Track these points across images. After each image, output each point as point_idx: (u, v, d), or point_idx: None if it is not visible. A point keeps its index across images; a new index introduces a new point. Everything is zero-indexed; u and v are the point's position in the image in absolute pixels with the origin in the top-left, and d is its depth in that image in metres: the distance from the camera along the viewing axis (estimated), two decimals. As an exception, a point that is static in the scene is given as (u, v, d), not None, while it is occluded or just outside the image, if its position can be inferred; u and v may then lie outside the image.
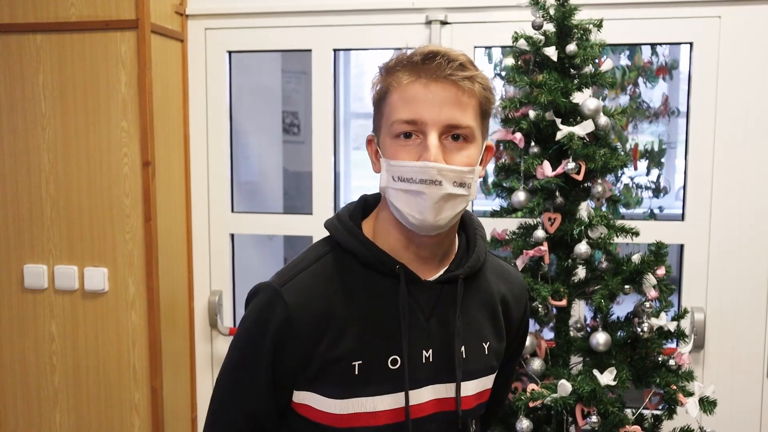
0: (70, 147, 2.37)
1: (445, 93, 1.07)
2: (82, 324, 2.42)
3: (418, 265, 1.16)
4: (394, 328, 1.14)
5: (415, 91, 1.07)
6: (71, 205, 2.38)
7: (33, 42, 2.35)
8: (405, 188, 1.07)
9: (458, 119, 1.07)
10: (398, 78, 1.09)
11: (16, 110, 2.39)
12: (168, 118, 2.48)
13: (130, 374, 2.40)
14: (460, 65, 1.08)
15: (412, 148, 1.07)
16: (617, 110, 1.93)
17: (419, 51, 1.10)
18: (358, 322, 1.13)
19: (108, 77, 2.32)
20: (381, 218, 1.18)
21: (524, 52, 1.94)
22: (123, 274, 2.38)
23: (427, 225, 1.08)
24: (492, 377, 1.27)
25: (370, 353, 1.13)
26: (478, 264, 1.22)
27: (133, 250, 2.37)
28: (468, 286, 1.20)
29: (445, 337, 1.17)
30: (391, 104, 1.09)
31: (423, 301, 1.16)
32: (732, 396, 2.37)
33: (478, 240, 1.24)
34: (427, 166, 1.05)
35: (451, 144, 1.08)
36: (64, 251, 2.41)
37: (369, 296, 1.15)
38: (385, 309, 1.14)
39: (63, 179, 2.38)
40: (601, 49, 1.92)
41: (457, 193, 1.08)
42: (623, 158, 1.90)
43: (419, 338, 1.16)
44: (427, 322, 1.16)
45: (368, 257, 1.14)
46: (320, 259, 1.17)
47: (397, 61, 1.11)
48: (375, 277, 1.15)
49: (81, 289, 2.41)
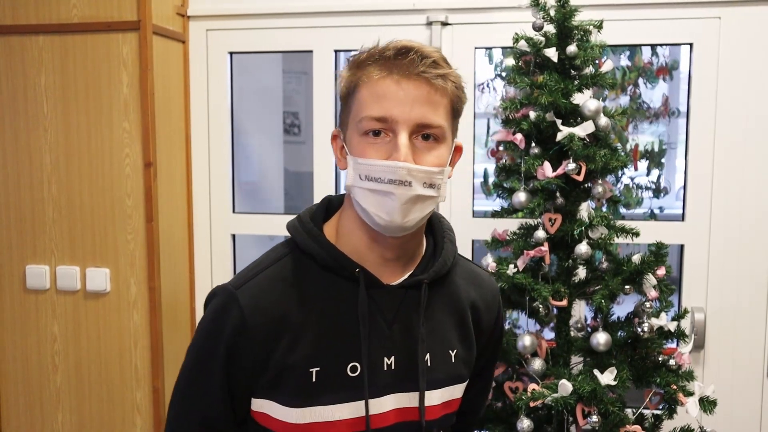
0: (72, 148, 2.37)
1: (417, 91, 1.03)
2: (84, 324, 2.43)
3: (382, 268, 1.12)
4: (353, 334, 1.09)
5: (387, 88, 1.03)
6: (73, 205, 2.39)
7: (35, 43, 2.36)
8: (373, 188, 1.03)
9: (430, 118, 1.03)
10: (369, 73, 1.05)
11: (19, 111, 2.39)
12: (169, 118, 2.49)
13: (132, 374, 2.41)
14: (433, 62, 1.03)
15: (380, 147, 1.04)
16: (617, 111, 1.93)
17: (392, 46, 1.05)
18: (315, 328, 1.09)
19: (110, 78, 2.33)
20: (345, 218, 1.14)
21: (525, 53, 1.95)
22: (125, 275, 2.39)
23: (394, 226, 1.05)
24: (461, 386, 1.22)
25: (328, 360, 1.09)
26: (444, 268, 1.17)
27: (134, 251, 2.37)
28: (434, 292, 1.16)
29: (408, 345, 1.13)
30: (361, 100, 1.05)
31: (385, 307, 1.12)
32: (732, 396, 2.37)
33: (446, 243, 1.20)
34: (396, 165, 1.01)
35: (422, 143, 1.05)
36: (66, 252, 2.42)
37: (328, 300, 1.10)
38: (344, 314, 1.10)
39: (65, 180, 2.39)
40: (601, 50, 1.93)
41: (426, 195, 1.04)
42: (623, 159, 1.90)
43: (380, 345, 1.11)
44: (389, 328, 1.12)
45: (327, 260, 1.10)
46: (278, 262, 1.13)
47: (369, 55, 1.06)
48: (335, 280, 1.11)
49: (83, 290, 2.42)
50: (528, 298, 1.88)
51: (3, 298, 2.47)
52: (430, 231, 1.22)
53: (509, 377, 1.96)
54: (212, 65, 2.62)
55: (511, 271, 1.87)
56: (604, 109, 1.90)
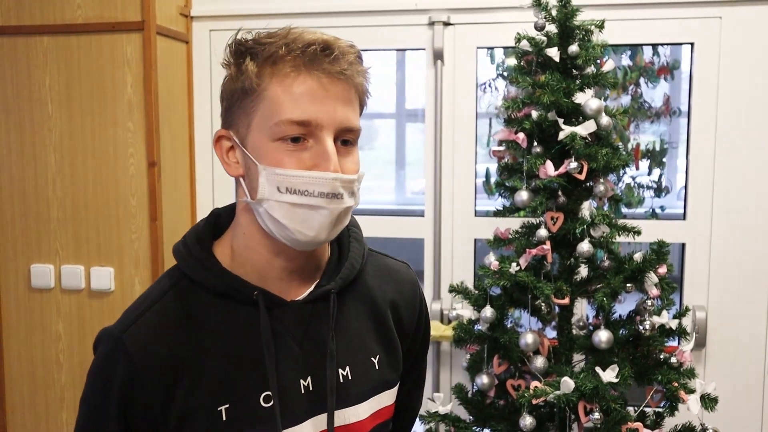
0: (77, 147, 2.39)
1: (339, 91, 0.92)
2: (89, 323, 2.44)
3: (285, 283, 1.01)
4: (260, 361, 0.98)
5: (308, 87, 0.90)
6: (78, 205, 2.41)
7: (40, 44, 2.37)
8: (297, 201, 0.91)
9: (351, 121, 0.94)
10: (281, 68, 0.91)
11: (24, 111, 2.41)
12: (173, 118, 2.50)
13: (136, 373, 2.42)
14: (354, 59, 0.94)
15: (301, 154, 0.91)
16: (619, 110, 1.94)
17: (304, 39, 0.91)
18: (218, 362, 0.97)
19: (114, 78, 2.35)
20: (239, 235, 1.01)
21: (527, 53, 1.96)
22: (129, 274, 2.40)
23: (316, 242, 0.95)
24: (390, 392, 1.13)
25: (237, 394, 0.97)
26: (353, 272, 1.07)
27: (138, 250, 2.39)
28: (346, 299, 1.06)
29: (322, 362, 1.02)
30: (272, 100, 0.91)
31: (292, 326, 1.01)
32: (733, 394, 2.38)
33: (352, 243, 1.09)
34: (328, 177, 0.90)
35: (342, 149, 0.94)
36: (71, 251, 2.43)
37: (227, 330, 0.99)
38: (248, 341, 0.98)
39: (69, 179, 2.40)
40: (602, 50, 1.94)
41: (350, 205, 0.95)
42: (625, 158, 1.91)
43: (293, 367, 1.00)
44: (299, 347, 1.01)
45: (220, 287, 0.99)
46: (166, 294, 1.00)
47: (276, 47, 0.91)
48: (232, 306, 0.99)
49: (87, 289, 2.43)
50: (530, 296, 1.90)
51: (8, 297, 2.49)
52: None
53: (511, 375, 1.97)
54: (216, 65, 2.64)
55: (513, 269, 1.88)
56: (606, 108, 1.91)
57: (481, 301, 1.95)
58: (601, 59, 1.95)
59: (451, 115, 2.50)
